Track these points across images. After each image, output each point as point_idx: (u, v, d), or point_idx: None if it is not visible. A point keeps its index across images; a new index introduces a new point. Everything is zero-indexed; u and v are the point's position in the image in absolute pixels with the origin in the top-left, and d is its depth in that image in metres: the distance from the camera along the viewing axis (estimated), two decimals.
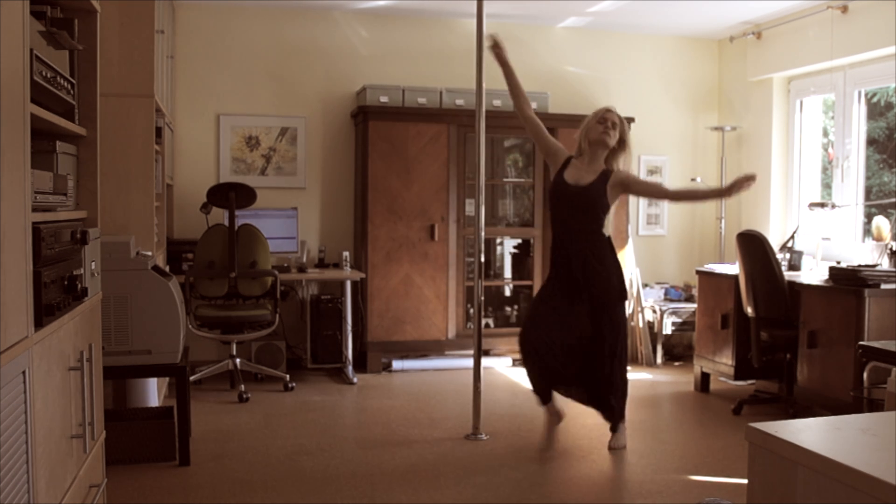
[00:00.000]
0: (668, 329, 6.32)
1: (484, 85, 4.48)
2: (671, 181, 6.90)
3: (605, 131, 4.08)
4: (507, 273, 6.72)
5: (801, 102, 6.28)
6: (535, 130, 4.27)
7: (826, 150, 6.22)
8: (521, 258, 6.57)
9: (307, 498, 3.47)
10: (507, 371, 6.10)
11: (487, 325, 6.41)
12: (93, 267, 2.55)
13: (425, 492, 3.56)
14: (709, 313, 5.46)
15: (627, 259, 6.40)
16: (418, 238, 5.98)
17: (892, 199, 5.75)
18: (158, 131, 4.45)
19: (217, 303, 5.35)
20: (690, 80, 6.95)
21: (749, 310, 4.86)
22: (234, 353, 5.39)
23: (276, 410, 4.91)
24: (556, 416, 4.23)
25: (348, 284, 5.76)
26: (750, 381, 5.47)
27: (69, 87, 2.35)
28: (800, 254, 5.41)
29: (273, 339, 5.72)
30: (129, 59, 4.09)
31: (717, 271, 5.45)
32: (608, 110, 4.15)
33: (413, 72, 6.33)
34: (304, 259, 6.01)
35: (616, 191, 4.11)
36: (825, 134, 6.42)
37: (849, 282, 4.41)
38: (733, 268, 5.28)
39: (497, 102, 6.12)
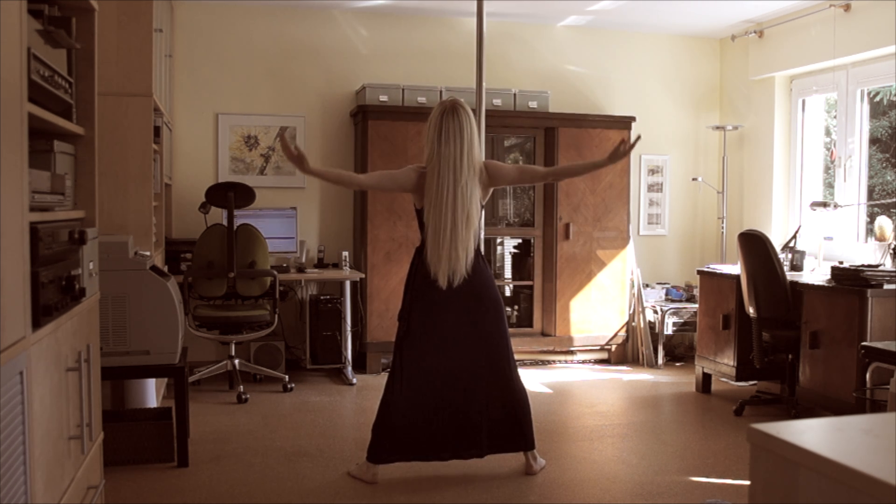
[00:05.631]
0: (669, 329, 6.31)
1: (484, 84, 4.47)
2: (672, 181, 6.89)
3: None
4: (508, 273, 6.71)
5: (804, 101, 6.26)
6: (384, 184, 3.91)
7: (828, 149, 6.20)
8: (522, 258, 6.56)
9: (306, 499, 3.46)
10: None
11: None
12: (91, 267, 2.54)
13: (425, 493, 3.55)
14: (710, 313, 5.45)
15: (628, 259, 6.39)
16: (418, 238, 5.94)
17: (895, 199, 5.74)
18: (157, 130, 4.45)
19: (216, 303, 5.34)
20: (692, 79, 6.93)
21: (751, 310, 4.84)
22: (233, 353, 5.38)
23: (275, 411, 4.90)
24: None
25: (348, 285, 5.75)
26: (751, 382, 5.46)
27: (67, 86, 2.34)
28: (802, 254, 5.39)
29: (272, 340, 5.71)
30: (127, 57, 4.08)
31: (718, 271, 5.44)
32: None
33: (413, 71, 6.32)
34: (304, 259, 5.99)
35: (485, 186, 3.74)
36: (827, 133, 6.41)
37: (851, 282, 4.40)
38: (735, 268, 5.27)
39: (497, 102, 6.10)
